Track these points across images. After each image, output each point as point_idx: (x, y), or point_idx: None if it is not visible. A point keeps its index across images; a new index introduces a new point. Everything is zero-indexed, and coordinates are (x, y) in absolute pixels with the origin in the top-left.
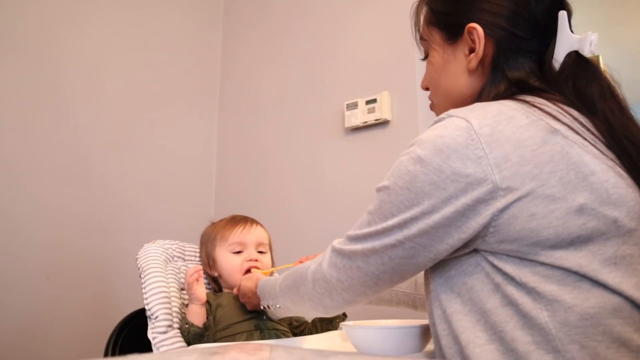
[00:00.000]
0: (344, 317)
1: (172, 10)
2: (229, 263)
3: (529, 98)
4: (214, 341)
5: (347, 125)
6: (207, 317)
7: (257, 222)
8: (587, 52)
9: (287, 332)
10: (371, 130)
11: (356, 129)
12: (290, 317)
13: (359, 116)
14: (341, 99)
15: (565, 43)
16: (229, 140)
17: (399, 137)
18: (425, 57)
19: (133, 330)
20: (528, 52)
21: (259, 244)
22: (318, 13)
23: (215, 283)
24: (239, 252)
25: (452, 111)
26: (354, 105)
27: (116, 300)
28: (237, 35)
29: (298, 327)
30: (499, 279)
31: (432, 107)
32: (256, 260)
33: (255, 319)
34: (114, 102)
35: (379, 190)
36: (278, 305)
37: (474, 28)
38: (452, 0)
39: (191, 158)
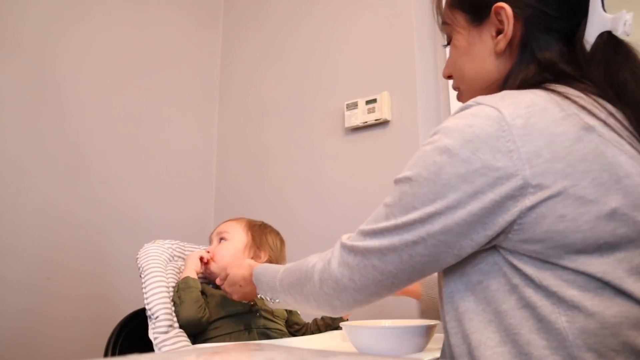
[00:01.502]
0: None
1: (172, 11)
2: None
3: (562, 89)
4: (204, 340)
5: (347, 125)
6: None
7: (236, 219)
8: (620, 33)
9: (279, 329)
10: (371, 130)
11: (356, 129)
12: (288, 319)
13: (359, 116)
14: (341, 99)
15: (597, 23)
16: (229, 141)
17: (399, 137)
18: (448, 43)
19: (133, 330)
20: (557, 32)
21: (219, 233)
22: (318, 13)
23: None
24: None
25: (480, 98)
26: (354, 105)
27: (116, 300)
28: (237, 35)
29: (300, 330)
30: (517, 279)
31: (459, 97)
32: (207, 252)
33: (244, 316)
34: (114, 103)
35: (398, 181)
36: (277, 300)
37: (502, 7)
38: None
39: (191, 158)
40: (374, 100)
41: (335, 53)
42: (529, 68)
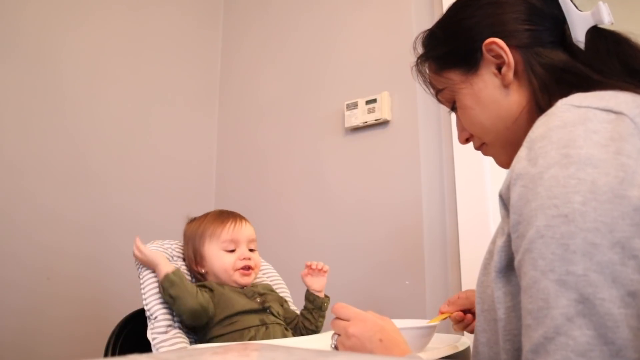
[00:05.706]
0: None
1: (172, 9)
2: (221, 261)
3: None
4: (218, 336)
5: (347, 125)
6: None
7: (244, 218)
8: (607, 22)
9: (286, 326)
10: (371, 130)
11: (356, 129)
12: (284, 314)
13: (359, 116)
14: (341, 99)
15: (579, 23)
16: (229, 141)
17: (399, 137)
18: (453, 108)
19: (133, 331)
20: (550, 43)
21: (250, 241)
22: (318, 12)
23: (204, 279)
24: (231, 251)
25: None
26: (354, 105)
27: (116, 301)
28: (237, 34)
29: (292, 322)
30: None
31: (486, 151)
32: (249, 259)
33: (258, 313)
34: (113, 103)
35: None
36: None
37: (492, 42)
38: (455, 33)
39: (191, 158)
40: (374, 100)
41: (336, 53)
42: (551, 80)
